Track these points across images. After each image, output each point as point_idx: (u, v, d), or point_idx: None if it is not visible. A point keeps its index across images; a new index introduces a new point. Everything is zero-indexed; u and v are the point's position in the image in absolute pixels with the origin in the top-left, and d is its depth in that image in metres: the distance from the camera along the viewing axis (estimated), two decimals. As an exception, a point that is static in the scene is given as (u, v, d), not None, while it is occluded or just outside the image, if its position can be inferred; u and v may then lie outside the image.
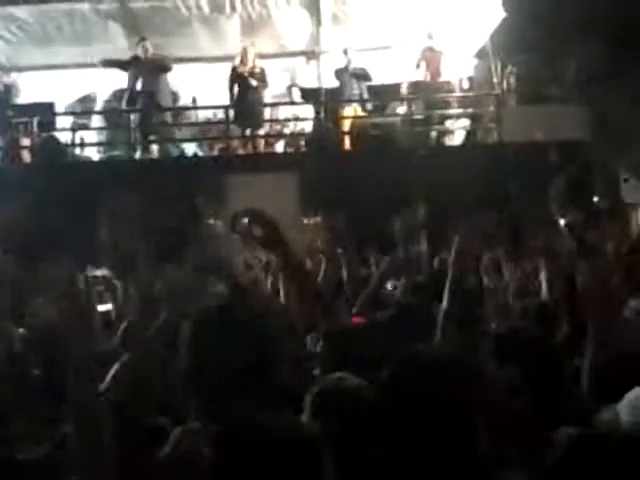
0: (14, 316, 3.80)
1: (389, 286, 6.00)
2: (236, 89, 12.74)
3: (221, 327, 2.21)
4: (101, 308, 5.56)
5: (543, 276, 4.77)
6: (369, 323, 4.13)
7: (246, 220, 2.99)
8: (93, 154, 13.59)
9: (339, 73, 13.09)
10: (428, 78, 13.18)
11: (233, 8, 13.03)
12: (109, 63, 12.94)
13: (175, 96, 13.40)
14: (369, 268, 6.53)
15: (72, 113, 13.87)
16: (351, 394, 2.44)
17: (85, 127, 13.71)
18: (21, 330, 3.87)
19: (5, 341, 3.22)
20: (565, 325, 3.91)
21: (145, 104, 12.57)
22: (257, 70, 12.65)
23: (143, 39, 12.64)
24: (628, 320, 3.93)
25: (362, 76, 12.98)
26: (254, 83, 12.56)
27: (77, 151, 13.38)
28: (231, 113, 13.01)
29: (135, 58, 12.62)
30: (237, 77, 12.68)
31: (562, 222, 6.00)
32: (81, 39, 13.41)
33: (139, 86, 12.55)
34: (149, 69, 12.49)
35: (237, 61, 12.67)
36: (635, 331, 3.66)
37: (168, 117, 13.32)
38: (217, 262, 6.13)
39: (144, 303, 2.84)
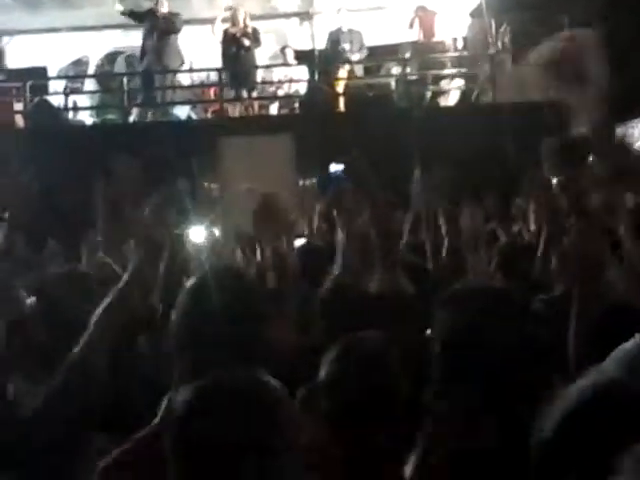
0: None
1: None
2: (229, 51, 12.66)
3: (217, 294, 2.18)
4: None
5: (542, 236, 4.78)
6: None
7: None
8: (86, 118, 13.54)
9: (332, 34, 13.02)
10: (421, 38, 13.12)
11: (225, -31, 12.93)
12: (128, 14, 12.69)
13: (182, 58, 13.17)
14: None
15: (65, 77, 13.80)
16: None
17: (78, 91, 13.64)
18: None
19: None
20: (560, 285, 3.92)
21: (149, 63, 12.44)
22: (249, 30, 12.58)
23: None
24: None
25: (356, 37, 12.92)
26: (247, 43, 12.49)
27: (70, 115, 13.33)
28: (224, 75, 12.95)
29: (151, 12, 12.47)
30: (229, 38, 12.60)
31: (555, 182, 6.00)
32: (73, 2, 13.31)
33: (150, 43, 12.42)
34: (162, 26, 12.36)
35: (228, 22, 12.60)
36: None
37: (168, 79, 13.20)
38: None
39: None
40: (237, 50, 12.56)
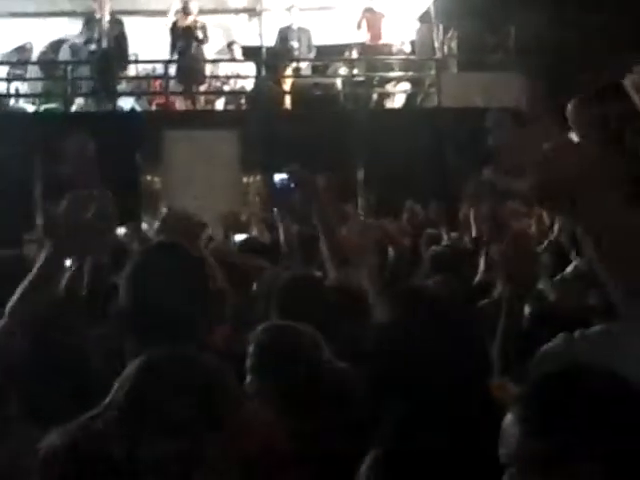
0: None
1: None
2: (177, 43, 12.58)
3: (164, 264, 2.18)
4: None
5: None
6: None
7: None
8: (28, 106, 13.31)
9: (282, 32, 13.01)
10: (369, 39, 13.18)
11: (175, -40, 12.83)
12: None
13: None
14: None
15: (7, 63, 13.54)
16: None
17: (21, 78, 13.40)
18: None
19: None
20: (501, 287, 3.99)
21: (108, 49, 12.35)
22: (199, 25, 12.52)
23: None
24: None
25: (304, 36, 12.93)
26: (199, 36, 12.43)
27: (11, 102, 13.11)
28: (171, 68, 12.86)
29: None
30: (179, 31, 12.52)
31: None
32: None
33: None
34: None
35: (178, 14, 12.52)
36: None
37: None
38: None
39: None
40: (187, 43, 12.49)
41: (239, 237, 6.26)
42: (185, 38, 12.52)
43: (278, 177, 4.31)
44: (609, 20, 10.79)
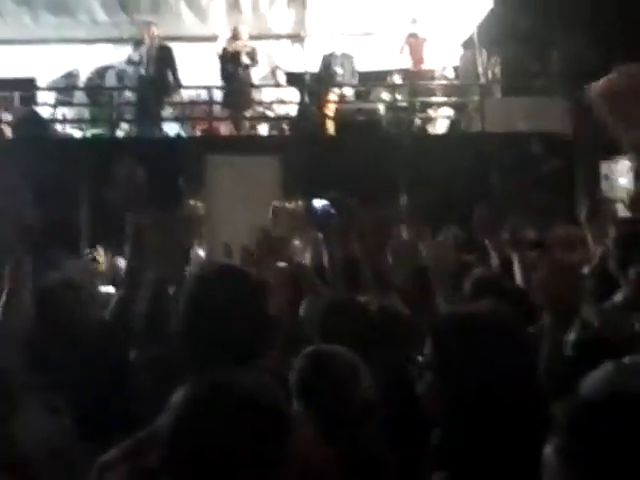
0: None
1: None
2: (225, 68, 12.70)
3: (221, 287, 2.17)
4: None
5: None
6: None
7: None
8: (74, 131, 13.49)
9: (325, 58, 13.08)
10: (411, 65, 13.19)
11: (219, -13, 12.99)
12: None
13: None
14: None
15: (53, 89, 13.76)
16: None
17: (68, 103, 13.60)
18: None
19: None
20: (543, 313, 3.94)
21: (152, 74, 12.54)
22: (248, 49, 12.64)
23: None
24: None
25: (348, 61, 12.98)
26: (247, 61, 12.55)
27: (58, 127, 13.30)
28: (215, 93, 12.99)
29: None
30: (227, 56, 12.63)
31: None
32: (64, 13, 13.32)
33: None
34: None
35: (227, 39, 12.65)
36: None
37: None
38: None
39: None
40: (234, 68, 12.60)
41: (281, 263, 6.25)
42: (233, 63, 12.63)
43: (319, 203, 4.32)
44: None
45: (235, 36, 12.64)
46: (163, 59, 12.45)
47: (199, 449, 1.62)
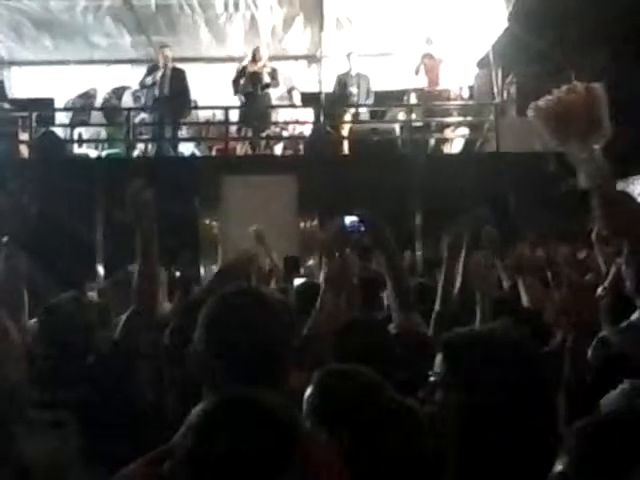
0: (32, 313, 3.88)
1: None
2: (246, 88, 12.76)
3: (243, 307, 2.17)
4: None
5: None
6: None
7: None
8: (90, 151, 13.57)
9: (340, 78, 13.12)
10: (427, 85, 13.21)
11: (236, 8, 13.05)
12: None
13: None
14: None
15: (70, 109, 13.85)
16: None
17: (84, 123, 13.69)
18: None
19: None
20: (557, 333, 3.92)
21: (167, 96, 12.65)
22: (268, 70, 12.71)
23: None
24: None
25: (363, 82, 13.01)
26: (267, 80, 12.62)
27: (75, 147, 13.38)
28: (231, 113, 13.05)
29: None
30: (247, 75, 12.70)
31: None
32: (82, 35, 13.44)
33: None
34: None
35: (247, 60, 12.73)
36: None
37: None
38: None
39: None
40: (253, 88, 12.67)
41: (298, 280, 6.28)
42: (252, 83, 12.70)
43: (348, 219, 4.32)
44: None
45: (255, 57, 12.72)
46: (177, 81, 12.51)
47: (215, 465, 1.61)
